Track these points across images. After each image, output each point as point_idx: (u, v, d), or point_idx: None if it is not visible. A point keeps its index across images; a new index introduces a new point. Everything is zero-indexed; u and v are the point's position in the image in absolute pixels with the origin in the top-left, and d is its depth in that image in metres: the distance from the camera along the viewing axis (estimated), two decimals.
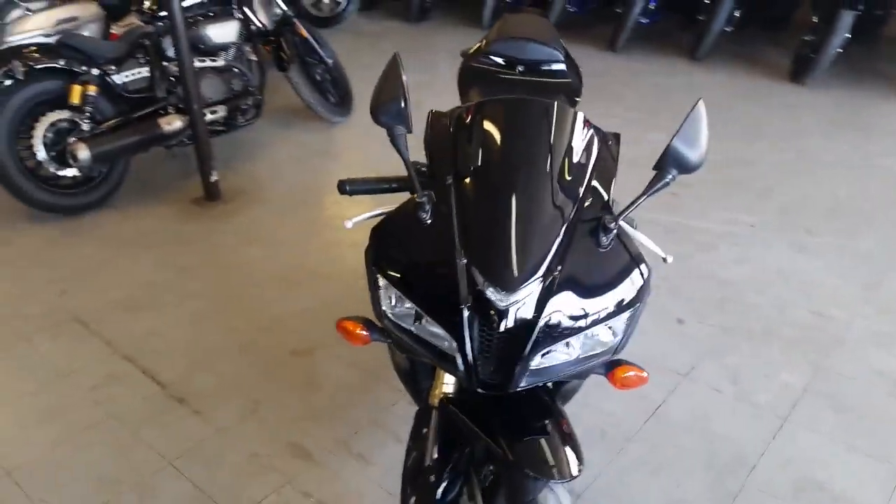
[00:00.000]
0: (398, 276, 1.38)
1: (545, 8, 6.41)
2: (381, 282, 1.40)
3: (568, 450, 1.44)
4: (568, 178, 1.48)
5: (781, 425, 2.35)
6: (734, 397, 2.47)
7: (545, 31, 2.64)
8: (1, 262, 3.29)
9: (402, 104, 1.37)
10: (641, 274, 1.40)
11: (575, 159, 1.53)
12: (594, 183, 1.52)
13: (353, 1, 6.89)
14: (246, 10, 4.23)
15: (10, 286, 3.11)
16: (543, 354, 1.33)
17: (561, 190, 1.44)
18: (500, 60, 2.56)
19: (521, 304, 1.29)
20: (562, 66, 2.55)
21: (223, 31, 4.09)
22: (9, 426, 2.37)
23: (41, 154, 3.49)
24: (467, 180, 1.44)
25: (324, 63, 4.63)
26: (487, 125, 1.53)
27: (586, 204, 1.46)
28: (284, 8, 4.46)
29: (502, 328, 1.29)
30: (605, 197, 1.54)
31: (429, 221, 1.40)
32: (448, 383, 1.49)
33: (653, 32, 6.41)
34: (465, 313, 1.30)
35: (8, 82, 3.30)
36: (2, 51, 3.41)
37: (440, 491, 1.47)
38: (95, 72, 3.55)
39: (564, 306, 1.31)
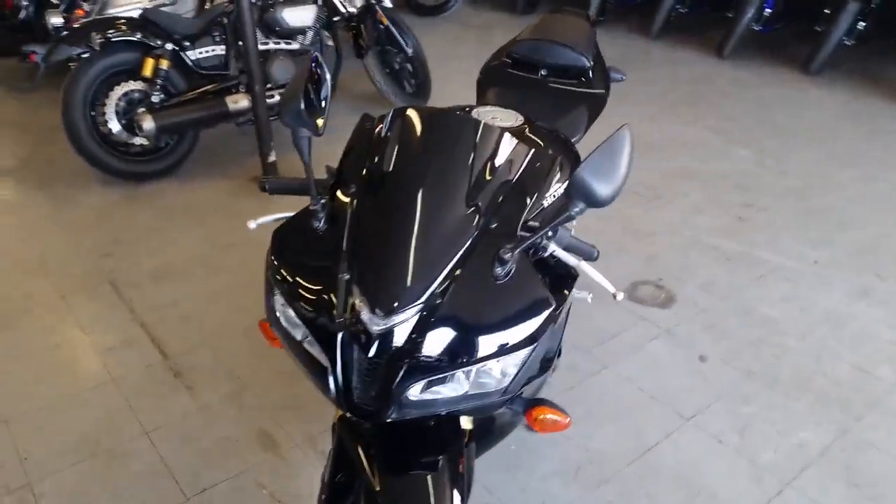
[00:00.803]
0: (288, 283, 1.33)
1: (654, 8, 6.11)
2: (274, 288, 1.36)
3: (455, 492, 1.36)
4: (477, 203, 1.37)
5: (781, 491, 2.11)
6: (736, 451, 2.24)
7: (579, 36, 2.49)
8: (64, 221, 3.52)
9: (302, 106, 1.31)
10: (541, 314, 1.27)
11: (491, 184, 1.42)
12: (509, 212, 1.40)
13: None
14: None
15: (64, 245, 3.32)
16: (427, 387, 1.25)
17: (464, 215, 1.33)
18: (522, 62, 2.44)
19: (395, 330, 1.21)
20: (587, 74, 2.40)
21: (301, 15, 4.16)
22: (22, 376, 2.53)
23: (113, 122, 3.69)
24: (367, 191, 1.37)
25: (403, 52, 4.62)
26: (403, 136, 1.44)
27: (492, 231, 1.35)
28: None
29: (371, 353, 1.22)
30: (517, 227, 1.40)
31: (322, 230, 1.34)
32: None
33: (767, 41, 5.96)
34: (340, 334, 1.24)
35: (86, 53, 3.51)
36: (84, 23, 3.64)
37: None
38: (170, 47, 3.71)
39: (445, 338, 1.22)
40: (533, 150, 1.50)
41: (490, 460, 2.20)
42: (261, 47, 3.96)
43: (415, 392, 1.23)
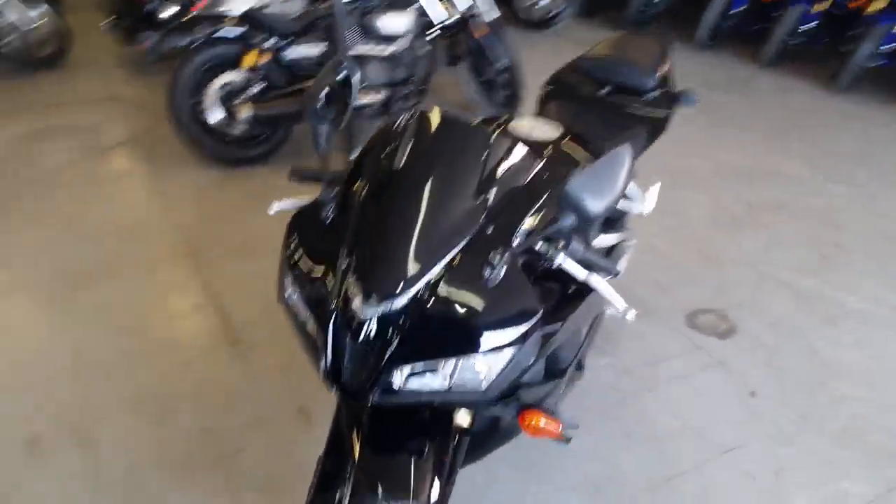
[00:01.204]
0: (296, 267, 1.42)
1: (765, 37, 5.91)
2: (284, 269, 1.44)
3: (436, 480, 1.41)
4: (476, 206, 1.40)
5: None
6: (767, 491, 2.16)
7: (648, 57, 2.47)
8: (161, 194, 3.80)
9: (319, 105, 1.40)
10: (526, 319, 1.29)
11: (493, 190, 1.45)
12: (507, 218, 1.42)
13: (566, 9, 6.85)
14: (424, 4, 4.41)
15: (158, 215, 3.59)
16: (410, 376, 1.30)
17: (462, 216, 1.37)
18: (586, 78, 2.45)
19: (382, 318, 1.28)
20: (650, 95, 2.38)
21: (398, 22, 4.30)
22: (102, 329, 2.76)
23: (213, 110, 3.95)
24: (375, 185, 1.43)
25: (496, 64, 4.69)
26: (417, 136, 1.49)
27: (488, 235, 1.38)
28: (488, 9, 4.57)
29: (360, 338, 1.28)
30: (512, 234, 1.42)
31: (331, 219, 1.42)
32: None
33: (885, 76, 5.62)
34: (333, 317, 1.31)
35: (192, 44, 3.78)
36: (193, 16, 3.91)
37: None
38: (271, 43, 3.93)
39: (429, 331, 1.27)
40: (543, 162, 1.52)
41: (512, 461, 2.22)
42: (356, 50, 4.14)
43: (399, 379, 1.28)
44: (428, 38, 4.53)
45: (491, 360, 1.29)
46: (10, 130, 4.46)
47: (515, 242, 1.37)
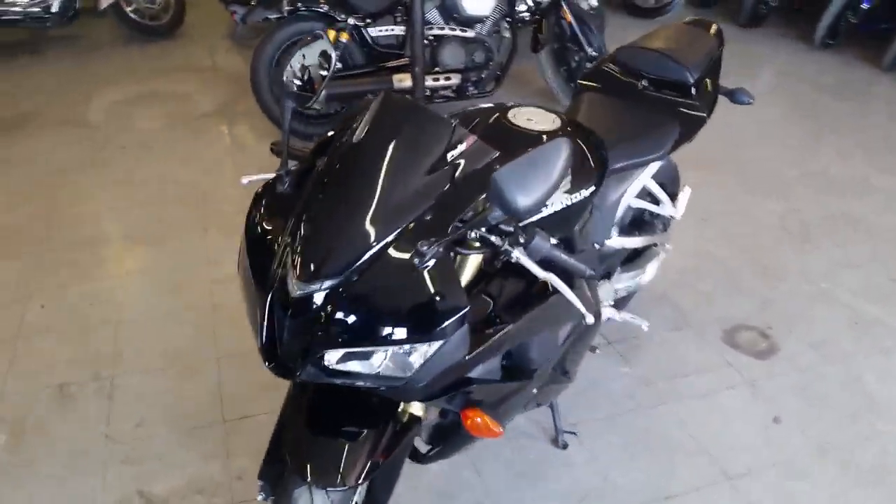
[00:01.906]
0: (249, 240, 1.47)
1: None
2: (242, 240, 1.50)
3: (367, 466, 1.43)
4: (419, 193, 1.39)
5: None
6: None
7: (692, 49, 2.35)
8: (232, 164, 4.00)
9: (286, 84, 1.42)
10: (450, 315, 1.28)
11: (439, 179, 1.43)
12: (449, 208, 1.40)
13: None
14: None
15: (225, 184, 3.78)
16: (342, 358, 1.32)
17: (402, 202, 1.37)
18: (624, 69, 2.36)
19: (313, 297, 1.30)
20: (688, 90, 2.26)
21: (479, 4, 4.27)
22: (147, 288, 2.97)
23: (291, 84, 4.09)
24: (329, 164, 1.45)
25: (584, 52, 4.57)
26: (373, 120, 1.49)
27: (426, 223, 1.36)
28: None
29: (294, 315, 1.31)
30: (449, 224, 1.38)
31: (287, 195, 1.45)
32: None
33: None
34: (271, 292, 1.35)
35: (274, 19, 3.92)
36: None
37: None
38: (352, 21, 4.01)
39: (356, 314, 1.28)
40: (497, 155, 1.48)
41: (501, 462, 2.21)
42: (436, 31, 4.16)
43: (331, 360, 1.31)
44: (513, 20, 4.47)
45: (413, 350, 1.29)
46: (110, 96, 4.82)
47: (448, 232, 1.33)
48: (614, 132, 2.16)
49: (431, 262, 1.28)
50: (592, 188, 1.75)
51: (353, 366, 1.32)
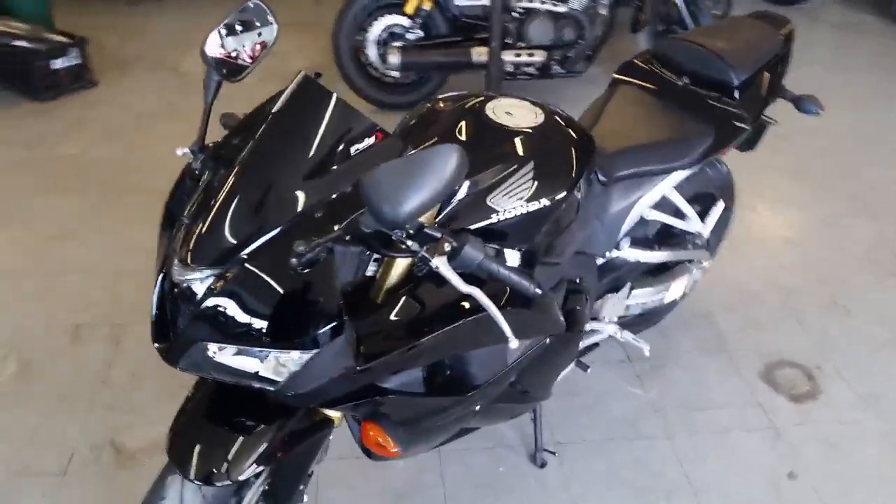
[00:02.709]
0: (166, 213, 1.44)
1: None
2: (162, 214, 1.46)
3: (253, 463, 1.38)
4: (312, 188, 1.28)
5: None
6: None
7: (746, 46, 2.09)
8: None
9: (213, 52, 1.35)
10: (323, 323, 1.18)
11: (338, 175, 1.31)
12: (339, 206, 1.28)
13: None
14: None
15: None
16: (221, 353, 1.26)
17: (293, 196, 1.27)
18: (665, 62, 2.12)
19: (191, 286, 1.24)
20: (732, 93, 2.00)
21: None
22: None
23: (371, 50, 4.05)
24: (231, 147, 1.37)
25: None
26: (287, 102, 1.38)
27: (315, 220, 1.26)
28: None
29: (178, 301, 1.26)
30: (336, 223, 1.27)
31: (197, 174, 1.40)
32: None
33: None
34: (160, 274, 1.31)
35: None
36: None
37: None
38: None
39: (229, 309, 1.21)
40: (408, 149, 1.35)
41: (470, 469, 2.10)
42: (526, 4, 3.96)
43: (214, 352, 1.25)
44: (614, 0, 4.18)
45: (283, 356, 1.22)
46: None
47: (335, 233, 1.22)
48: (634, 134, 1.95)
49: (308, 264, 1.19)
50: (561, 194, 1.57)
51: (232, 362, 1.26)
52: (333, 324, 1.19)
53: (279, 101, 1.38)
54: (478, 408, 1.63)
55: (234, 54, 1.42)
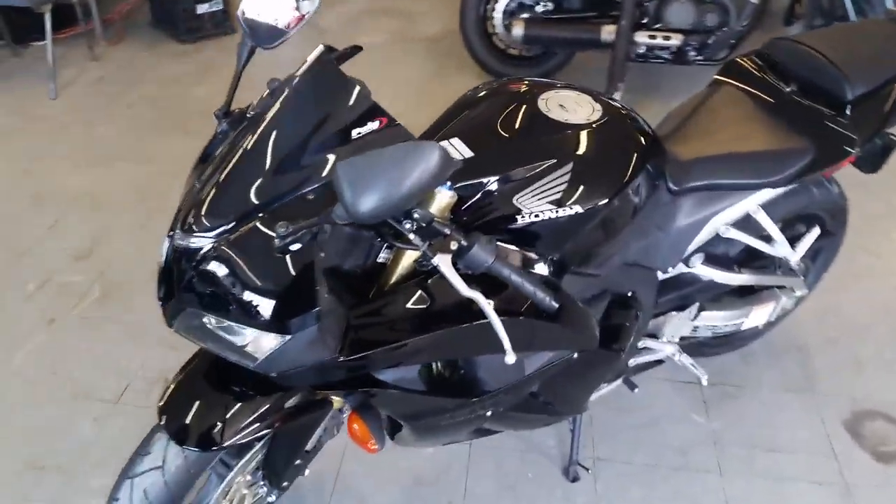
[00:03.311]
0: (191, 173, 1.46)
1: None
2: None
3: (248, 429, 1.39)
4: (312, 168, 1.25)
5: None
6: None
7: (876, 58, 1.82)
8: (432, 98, 4.01)
9: (251, 23, 1.34)
10: (296, 312, 1.16)
11: (335, 152, 1.28)
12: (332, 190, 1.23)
13: None
14: None
15: (413, 115, 3.81)
16: (208, 322, 1.28)
17: (294, 173, 1.24)
18: (772, 64, 1.91)
19: (189, 251, 1.26)
20: (843, 108, 1.76)
21: None
22: None
23: (498, 20, 3.94)
24: (252, 116, 1.35)
25: None
26: (300, 79, 1.34)
27: (307, 200, 1.22)
28: None
29: (180, 265, 1.28)
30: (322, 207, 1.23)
31: (221, 143, 1.40)
32: None
33: None
34: (168, 238, 1.34)
35: None
36: None
37: None
38: None
39: (215, 281, 1.22)
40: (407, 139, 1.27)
41: (498, 468, 2.05)
42: None
43: (200, 320, 1.27)
44: None
45: (259, 337, 1.21)
46: (345, 6, 5.03)
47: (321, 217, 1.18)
48: (719, 142, 1.77)
49: (292, 247, 1.17)
50: (600, 202, 1.43)
51: (219, 333, 1.27)
52: (306, 312, 1.17)
53: (297, 74, 1.36)
54: (489, 413, 1.56)
55: (273, 21, 1.40)
